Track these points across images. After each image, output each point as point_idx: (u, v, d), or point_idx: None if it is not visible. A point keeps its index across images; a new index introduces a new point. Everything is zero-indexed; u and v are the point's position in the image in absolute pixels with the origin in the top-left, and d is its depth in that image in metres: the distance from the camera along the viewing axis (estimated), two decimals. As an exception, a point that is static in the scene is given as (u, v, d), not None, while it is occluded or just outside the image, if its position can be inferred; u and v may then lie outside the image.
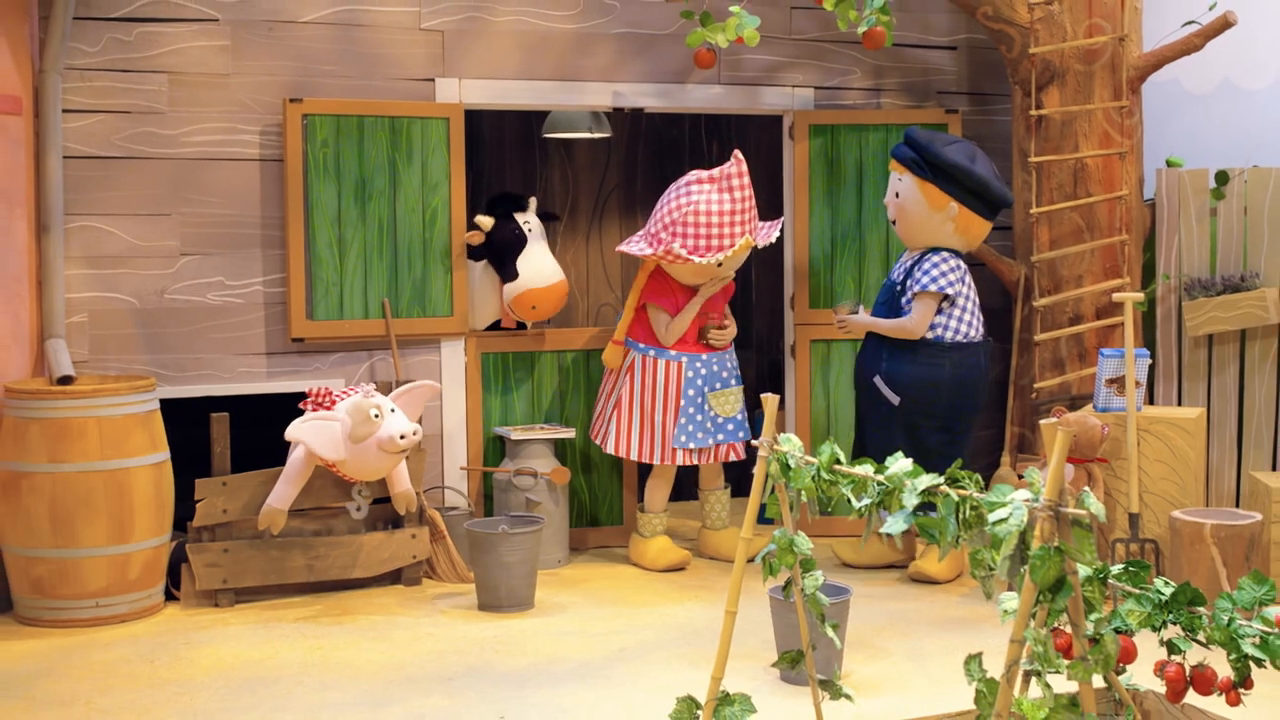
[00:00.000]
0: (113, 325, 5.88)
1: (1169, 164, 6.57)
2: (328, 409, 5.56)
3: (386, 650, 4.96)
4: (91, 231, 5.84)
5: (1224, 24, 6.07)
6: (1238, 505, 6.24)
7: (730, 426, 6.18)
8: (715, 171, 6.00)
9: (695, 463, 6.13)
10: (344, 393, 5.61)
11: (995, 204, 5.96)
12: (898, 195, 6.01)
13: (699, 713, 3.39)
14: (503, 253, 6.31)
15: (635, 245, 6.14)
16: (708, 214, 5.94)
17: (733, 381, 6.24)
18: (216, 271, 6.01)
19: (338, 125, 6.07)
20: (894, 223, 6.11)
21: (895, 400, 5.88)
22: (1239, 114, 6.77)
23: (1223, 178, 6.32)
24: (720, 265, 6.03)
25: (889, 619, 5.33)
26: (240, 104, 6.01)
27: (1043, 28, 6.33)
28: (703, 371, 6.15)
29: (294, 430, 5.48)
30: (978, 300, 6.02)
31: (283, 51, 6.05)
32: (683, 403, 6.11)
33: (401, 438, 5.44)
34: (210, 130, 5.98)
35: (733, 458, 6.21)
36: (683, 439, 6.09)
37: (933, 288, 5.83)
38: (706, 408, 6.12)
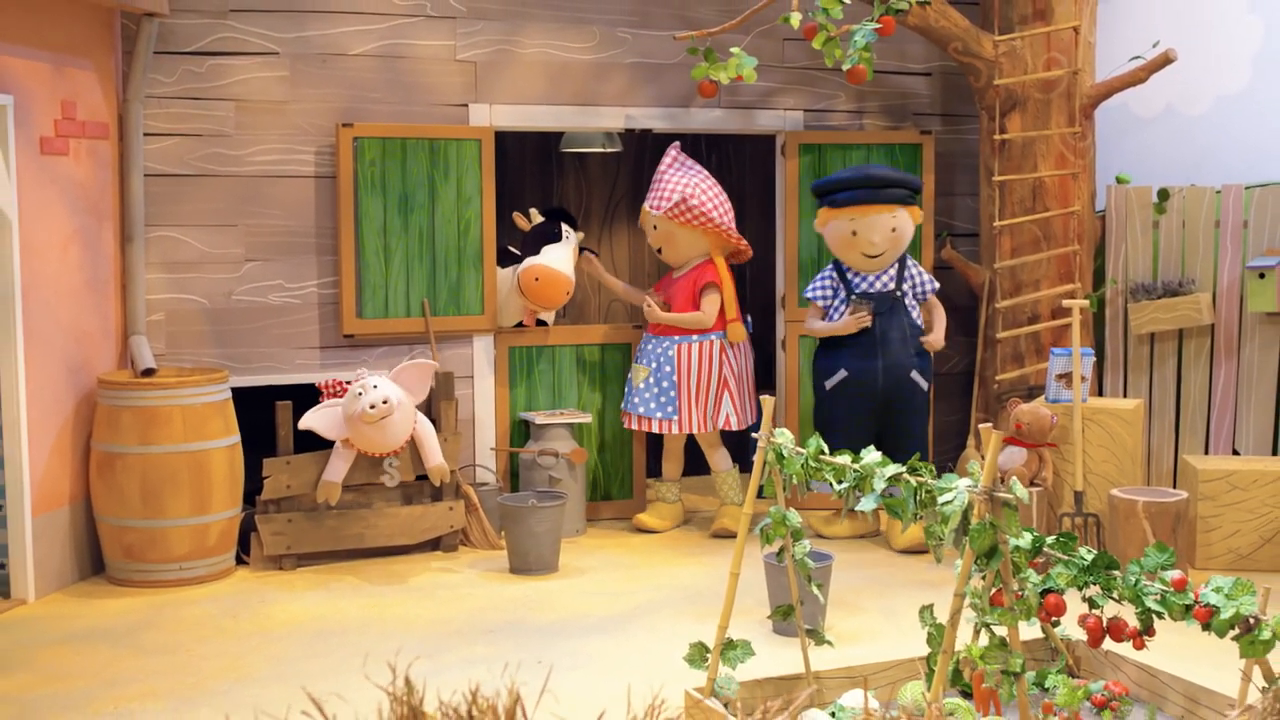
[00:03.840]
0: (186, 323, 6.50)
1: (1118, 180, 7.18)
2: (340, 396, 6.21)
3: (434, 607, 5.60)
4: (168, 241, 6.46)
5: (1165, 60, 6.68)
6: (1175, 485, 6.89)
7: (633, 397, 6.86)
8: None
9: (628, 426, 6.92)
10: (352, 380, 6.21)
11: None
12: (894, 230, 6.56)
13: (708, 655, 4.04)
14: (537, 240, 6.97)
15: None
16: None
17: (643, 360, 6.86)
18: (277, 275, 6.62)
19: (384, 146, 6.67)
20: (879, 255, 6.57)
21: (925, 387, 6.57)
22: (1180, 137, 7.34)
23: (1164, 195, 6.94)
24: (656, 228, 6.87)
25: (866, 582, 5.98)
26: (298, 128, 6.61)
27: (1006, 61, 6.94)
28: (644, 349, 6.91)
29: (304, 420, 6.10)
30: None
31: (335, 81, 6.65)
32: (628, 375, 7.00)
33: (371, 408, 5.97)
34: (271, 151, 6.58)
35: (634, 427, 6.88)
36: (623, 404, 6.97)
37: (935, 286, 6.74)
38: (630, 378, 6.92)
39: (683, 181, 6.75)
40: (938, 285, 6.76)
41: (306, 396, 6.54)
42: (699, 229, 6.78)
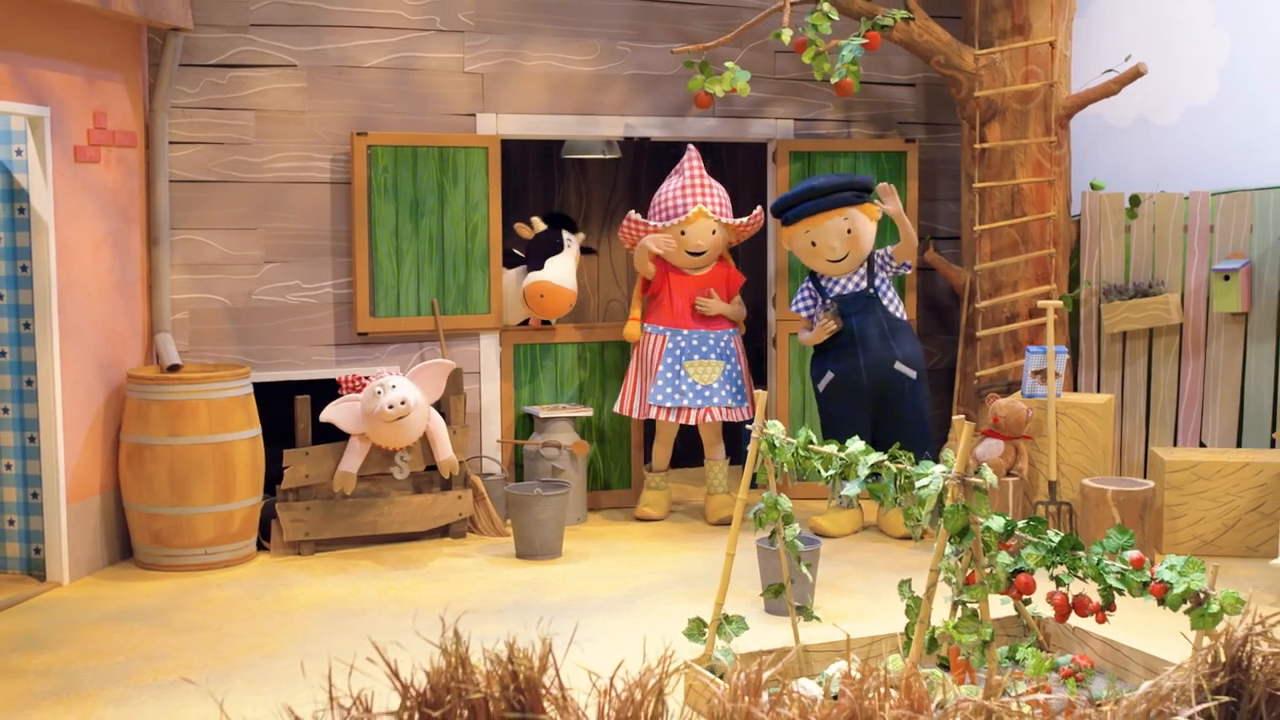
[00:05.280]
0: (209, 321, 6.77)
1: (1092, 187, 7.46)
2: (358, 391, 6.48)
3: (445, 589, 5.88)
4: (192, 243, 6.73)
5: (1135, 74, 6.97)
6: (1145, 475, 7.19)
7: (706, 393, 7.06)
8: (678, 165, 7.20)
9: (669, 419, 7.05)
10: (371, 377, 6.49)
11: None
12: (850, 231, 6.78)
13: (705, 629, 4.33)
14: (540, 250, 7.26)
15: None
16: (667, 194, 7.12)
17: (712, 356, 7.09)
18: (294, 276, 6.90)
19: (396, 154, 6.95)
20: (843, 258, 6.80)
21: (914, 375, 6.84)
22: (1151, 146, 7.63)
23: (1135, 200, 7.24)
24: (684, 235, 7.04)
25: (853, 567, 6.28)
26: (314, 136, 6.89)
27: (986, 74, 7.23)
28: (682, 344, 7.09)
29: (325, 414, 6.38)
30: None
31: (350, 92, 6.93)
32: (660, 368, 7.08)
33: (390, 408, 6.26)
34: (290, 158, 6.86)
35: (708, 420, 7.06)
36: (659, 398, 7.06)
37: (889, 250, 6.96)
38: (683, 373, 7.06)
39: (720, 192, 7.12)
40: (889, 249, 6.95)
41: (322, 391, 6.82)
42: (741, 232, 7.21)
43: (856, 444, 3.87)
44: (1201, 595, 3.82)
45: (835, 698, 4.02)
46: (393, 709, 2.29)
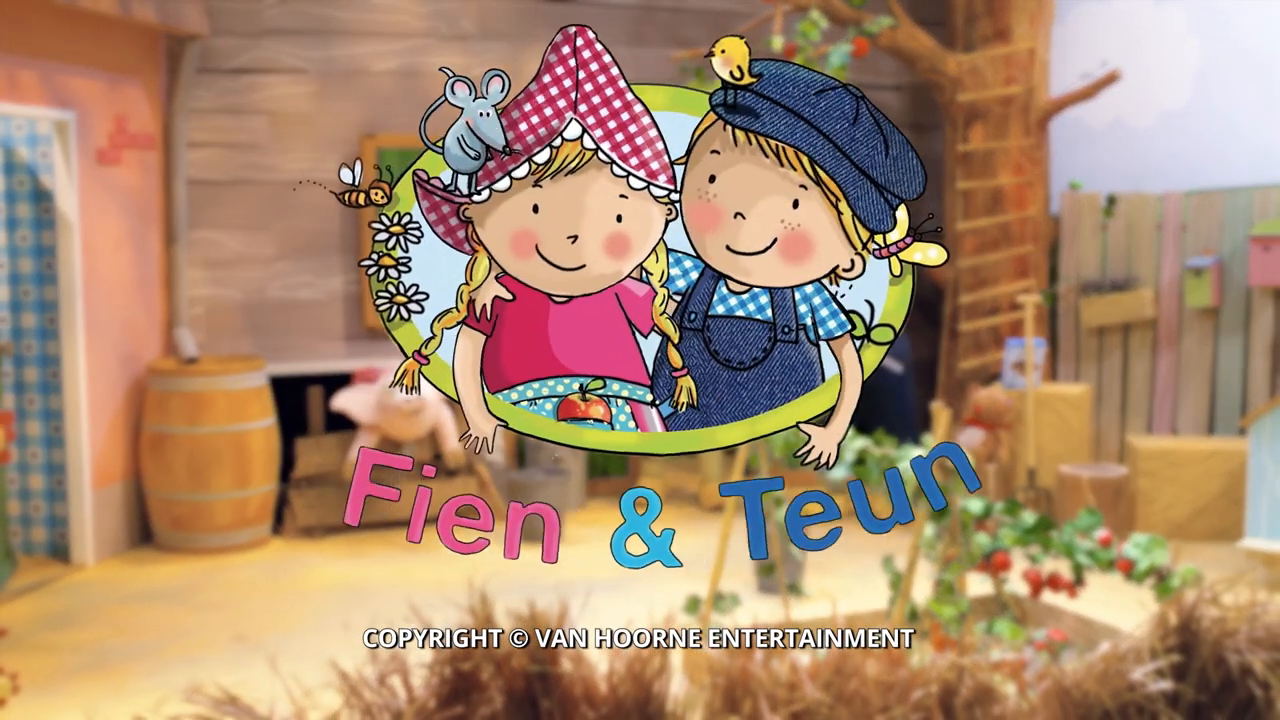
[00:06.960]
0: (224, 316, 6.99)
1: (1071, 186, 7.69)
2: (373, 383, 6.71)
3: (453, 570, 6.07)
4: (208, 241, 6.95)
5: (1111, 79, 7.21)
6: (1121, 462, 7.42)
7: None
8: None
9: None
10: (386, 369, 6.71)
11: None
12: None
13: (702, 605, 4.57)
14: None
15: None
16: None
17: None
18: (306, 273, 7.12)
19: (403, 156, 7.16)
20: None
21: (899, 369, 7.06)
22: (1126, 148, 7.87)
23: (1112, 200, 7.47)
24: None
25: (840, 548, 6.47)
26: (325, 139, 7.10)
27: (969, 79, 7.46)
28: None
29: (337, 401, 6.61)
30: None
31: (359, 96, 7.14)
32: None
33: (406, 402, 6.54)
34: (301, 160, 7.07)
35: None
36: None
37: None
38: None
39: None
40: None
41: (330, 382, 7.03)
42: None
43: (843, 430, 4.10)
44: (1163, 570, 4.08)
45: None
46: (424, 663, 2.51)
